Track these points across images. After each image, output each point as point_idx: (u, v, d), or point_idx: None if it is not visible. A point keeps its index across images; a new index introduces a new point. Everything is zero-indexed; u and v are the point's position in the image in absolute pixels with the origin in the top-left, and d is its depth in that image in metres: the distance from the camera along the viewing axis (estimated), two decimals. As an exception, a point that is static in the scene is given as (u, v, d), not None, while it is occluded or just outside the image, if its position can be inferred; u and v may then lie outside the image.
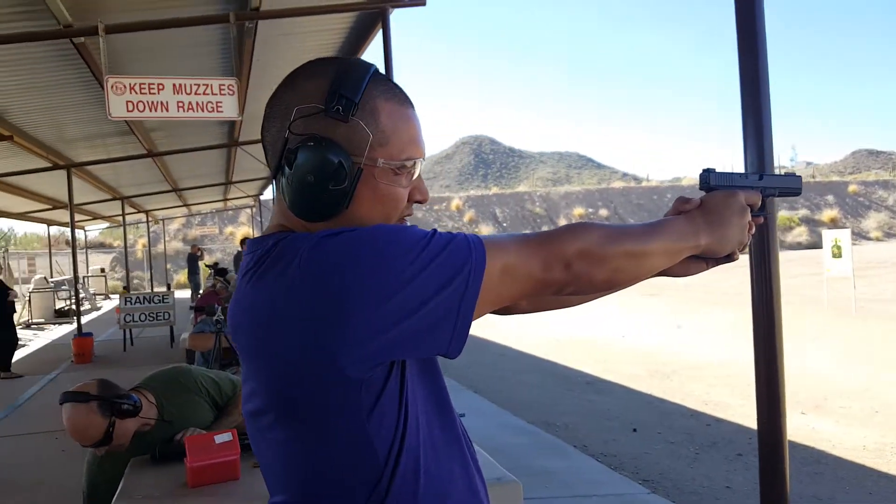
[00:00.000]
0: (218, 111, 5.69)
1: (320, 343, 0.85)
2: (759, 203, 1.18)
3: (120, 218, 18.53)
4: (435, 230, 0.91)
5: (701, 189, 1.17)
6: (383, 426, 0.90)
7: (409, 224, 0.98)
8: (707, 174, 1.17)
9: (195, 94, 5.64)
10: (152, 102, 5.52)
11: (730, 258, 1.15)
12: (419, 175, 1.02)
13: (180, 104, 5.63)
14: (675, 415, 6.48)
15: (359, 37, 7.02)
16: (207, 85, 5.67)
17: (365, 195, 0.95)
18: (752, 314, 2.00)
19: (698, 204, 1.12)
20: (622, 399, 7.19)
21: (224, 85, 5.68)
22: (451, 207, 44.80)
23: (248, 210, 25.17)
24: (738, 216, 1.11)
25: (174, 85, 5.62)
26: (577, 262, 0.93)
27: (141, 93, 5.46)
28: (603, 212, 45.62)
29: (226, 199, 21.42)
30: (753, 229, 1.16)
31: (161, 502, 2.09)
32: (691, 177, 58.80)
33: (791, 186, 1.26)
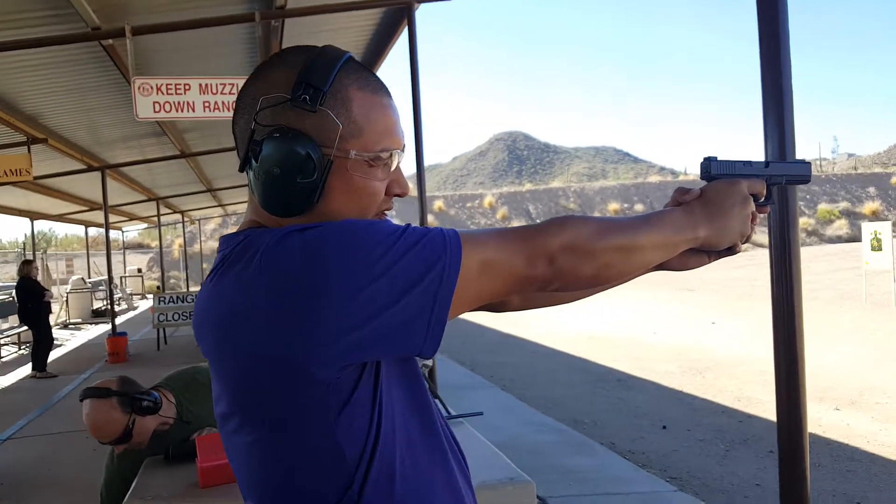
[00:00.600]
0: (243, 110, 5.72)
1: (283, 344, 0.81)
2: (765, 192, 1.13)
3: (156, 219, 18.82)
4: (409, 224, 0.87)
5: (702, 178, 1.12)
6: (353, 430, 0.86)
7: (387, 219, 0.94)
8: (708, 163, 1.12)
9: (220, 93, 5.67)
10: (179, 103, 5.57)
11: (731, 251, 1.10)
12: (398, 167, 0.98)
13: (206, 104, 5.67)
14: (706, 412, 6.37)
15: (386, 33, 7.02)
16: (233, 84, 5.70)
17: (337, 188, 0.91)
18: (772, 309, 1.94)
19: (698, 195, 1.07)
20: (653, 396, 7.10)
21: (249, 84, 5.72)
22: (483, 204, 44.68)
23: (282, 209, 25.34)
24: (740, 206, 1.05)
25: (200, 85, 5.66)
26: (562, 257, 0.89)
27: (167, 93, 5.51)
28: (639, 206, 45.08)
29: (261, 199, 21.59)
30: (757, 219, 1.10)
31: (170, 502, 2.07)
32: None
33: (799, 174, 1.20)
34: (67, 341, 14.08)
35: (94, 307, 18.57)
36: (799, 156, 1.81)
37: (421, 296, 0.81)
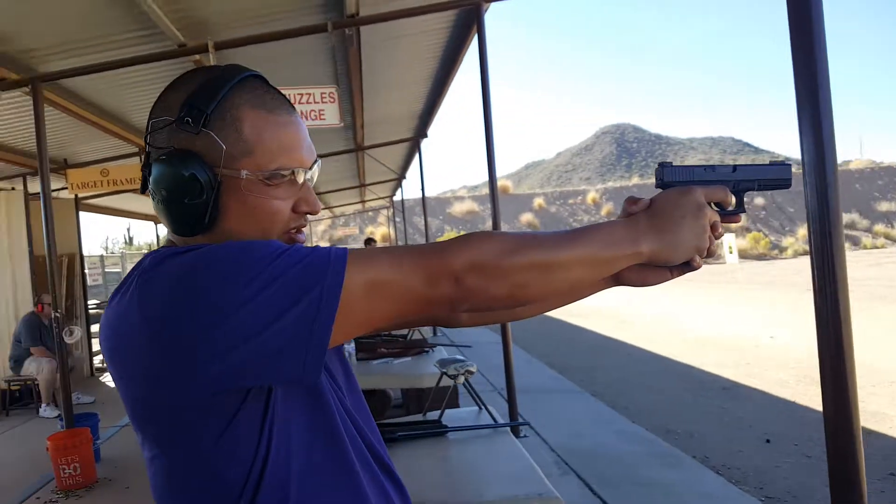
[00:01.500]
0: (320, 118, 5.81)
1: (156, 368, 0.80)
2: (731, 200, 1.00)
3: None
4: (295, 246, 0.83)
5: (656, 186, 1.00)
6: (236, 454, 0.84)
7: (273, 241, 0.87)
8: (661, 169, 1.00)
9: (298, 103, 5.80)
10: (260, 114, 5.74)
11: (689, 266, 0.98)
12: (306, 185, 0.95)
13: (286, 114, 5.83)
14: (819, 425, 5.89)
15: (460, 35, 6.98)
16: (310, 94, 5.82)
17: (232, 208, 0.91)
18: (815, 315, 1.74)
19: (647, 205, 0.97)
20: (760, 407, 6.65)
21: (325, 93, 5.80)
22: (586, 201, 43.91)
23: (385, 211, 25.89)
24: (692, 217, 0.95)
25: (279, 95, 5.82)
26: (468, 277, 0.84)
27: (249, 105, 5.68)
28: (759, 200, 43.07)
29: (363, 202, 22.12)
30: (720, 230, 0.98)
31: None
32: (862, 159, 54.56)
33: (775, 177, 1.05)
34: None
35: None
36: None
37: (297, 321, 0.78)
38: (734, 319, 12.84)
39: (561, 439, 5.44)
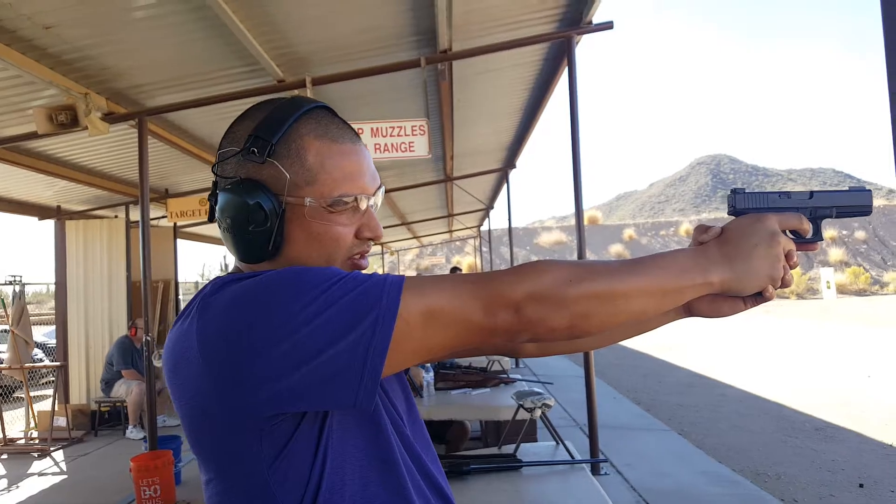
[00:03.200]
0: (410, 150, 5.95)
1: (211, 393, 0.82)
2: (808, 227, 0.97)
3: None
4: (353, 273, 0.84)
5: (728, 214, 0.99)
6: (289, 479, 0.84)
7: (332, 267, 0.90)
8: (734, 195, 0.98)
9: (390, 136, 5.96)
10: (353, 146, 5.93)
11: (762, 296, 0.95)
12: (368, 211, 0.98)
13: (377, 146, 5.99)
14: (918, 471, 5.58)
15: (551, 67, 7.02)
16: (401, 127, 5.97)
17: (297, 236, 0.93)
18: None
19: (718, 233, 0.95)
20: (855, 449, 6.33)
21: (415, 126, 5.94)
22: (679, 232, 42.78)
23: (472, 241, 25.96)
24: (766, 246, 0.92)
25: (372, 129, 6.00)
26: (528, 307, 0.82)
27: (343, 138, 5.88)
28: (860, 234, 40.99)
29: (450, 231, 22.28)
30: (795, 259, 0.94)
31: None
32: (974, 192, 51.16)
33: (854, 204, 1.01)
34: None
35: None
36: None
37: (351, 347, 0.78)
38: (830, 357, 12.24)
39: (643, 478, 5.31)
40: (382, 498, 0.90)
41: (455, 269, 12.04)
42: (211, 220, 1.00)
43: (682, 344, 15.19)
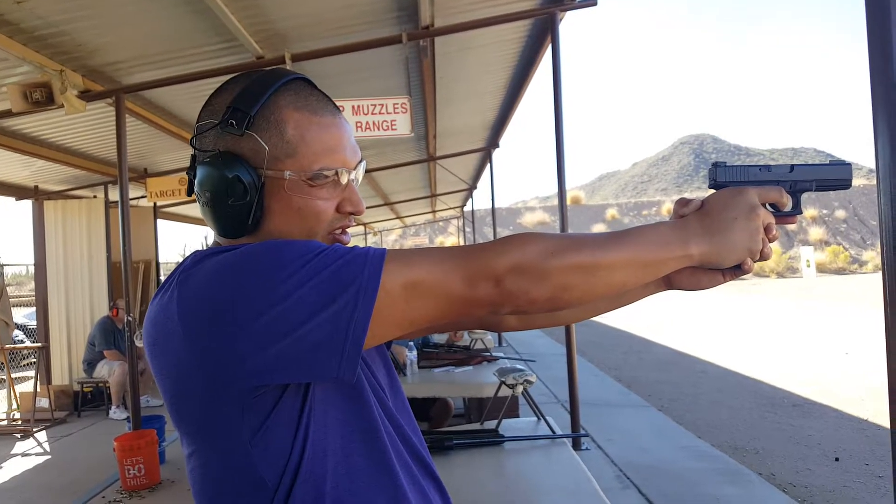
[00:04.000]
0: (392, 129, 5.91)
1: (193, 365, 0.82)
2: (787, 200, 0.97)
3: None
4: (334, 245, 0.84)
5: (709, 187, 0.99)
6: (271, 451, 0.85)
7: (314, 240, 0.89)
8: (715, 169, 0.98)
9: (371, 113, 5.92)
10: (334, 124, 5.88)
11: (740, 269, 0.96)
12: (350, 185, 0.97)
13: (359, 124, 5.94)
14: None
15: (534, 44, 6.99)
16: (382, 104, 5.93)
17: (276, 209, 0.92)
18: (884, 327, 1.69)
19: (698, 206, 0.95)
20: (831, 425, 6.44)
21: (397, 103, 5.90)
22: (661, 212, 43.02)
23: (456, 221, 25.98)
24: (745, 219, 0.92)
25: (353, 106, 5.95)
26: (509, 279, 0.82)
27: (324, 115, 5.82)
28: (840, 213, 41.45)
29: (433, 212, 22.26)
30: (774, 232, 0.95)
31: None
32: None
33: (834, 177, 1.02)
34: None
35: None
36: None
37: (333, 319, 0.78)
38: (809, 335, 12.40)
39: (623, 453, 5.38)
40: (365, 468, 0.91)
41: (438, 249, 11.98)
42: (190, 194, 0.98)
43: (663, 322, 15.32)
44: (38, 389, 8.10)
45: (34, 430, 7.51)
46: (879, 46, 1.66)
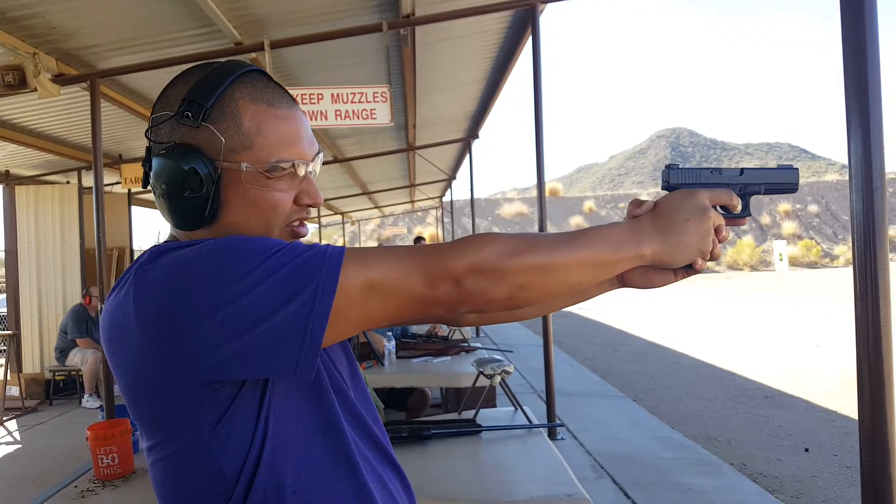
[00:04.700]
0: (372, 118, 5.88)
1: (150, 361, 0.82)
2: (737, 203, 1.00)
3: (316, 220, 19.84)
4: (293, 244, 0.84)
5: (662, 189, 1.02)
6: (230, 443, 0.85)
7: (268, 238, 0.89)
8: (668, 171, 1.01)
9: (351, 102, 5.88)
10: (312, 112, 5.83)
11: (691, 269, 0.99)
12: (307, 177, 0.97)
13: (338, 112, 5.90)
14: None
15: (515, 36, 6.99)
16: (362, 93, 5.89)
17: (234, 201, 0.92)
18: (854, 321, 1.73)
19: (651, 207, 0.97)
20: (802, 416, 6.54)
21: (377, 92, 5.87)
22: (639, 205, 43.27)
23: (434, 211, 25.98)
24: (696, 220, 0.95)
25: (332, 95, 5.90)
26: (468, 279, 0.84)
27: (302, 103, 5.77)
28: (812, 208, 41.99)
29: (412, 201, 22.24)
30: (724, 233, 0.98)
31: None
32: (921, 168, 52.56)
33: (782, 181, 1.05)
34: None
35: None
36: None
37: (291, 318, 0.79)
38: (781, 328, 12.58)
39: (598, 443, 5.43)
40: (326, 459, 0.92)
41: (419, 239, 12.03)
42: (146, 185, 0.98)
43: (638, 314, 15.46)
44: (9, 378, 8.00)
45: (4, 418, 7.43)
46: (854, 50, 1.70)
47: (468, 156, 12.35)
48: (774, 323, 13.53)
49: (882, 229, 1.67)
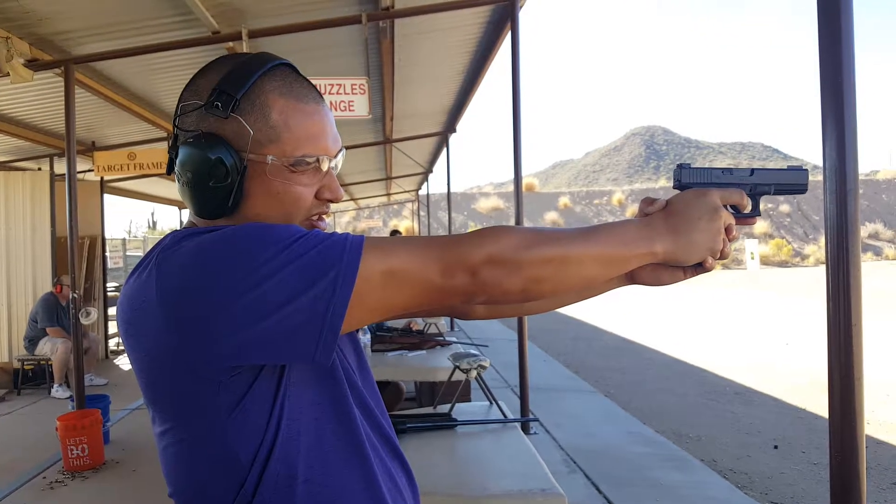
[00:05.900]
0: (350, 110, 5.87)
1: (171, 344, 0.83)
2: (747, 203, 1.02)
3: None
4: (314, 231, 0.85)
5: (674, 188, 1.03)
6: (246, 429, 0.86)
7: (293, 225, 0.90)
8: (679, 170, 1.03)
9: (329, 93, 5.86)
10: (290, 103, 5.81)
11: (702, 267, 1.01)
12: (329, 173, 0.98)
13: (316, 104, 5.88)
14: (827, 433, 5.88)
15: (494, 31, 6.99)
16: (340, 85, 5.88)
17: (257, 193, 0.93)
18: (826, 320, 1.76)
19: (663, 205, 0.99)
20: (771, 413, 6.65)
21: (356, 84, 5.86)
22: (612, 202, 43.58)
23: (410, 205, 25.95)
24: (708, 219, 0.96)
25: (310, 85, 5.88)
26: (484, 270, 0.85)
27: (280, 94, 5.74)
28: (784, 207, 42.53)
29: (388, 194, 22.18)
30: (734, 232, 1.00)
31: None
32: (890, 170, 53.56)
33: (792, 182, 1.08)
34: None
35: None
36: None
37: (311, 304, 0.80)
38: (752, 325, 12.76)
39: (570, 438, 5.48)
40: (337, 449, 0.94)
41: (395, 233, 11.99)
42: (170, 172, 0.98)
43: (611, 310, 15.57)
44: (-24, 366, 7.85)
45: (-29, 407, 7.29)
46: (829, 54, 1.72)
47: (445, 149, 12.35)
48: (745, 320, 13.71)
49: (855, 230, 1.70)
